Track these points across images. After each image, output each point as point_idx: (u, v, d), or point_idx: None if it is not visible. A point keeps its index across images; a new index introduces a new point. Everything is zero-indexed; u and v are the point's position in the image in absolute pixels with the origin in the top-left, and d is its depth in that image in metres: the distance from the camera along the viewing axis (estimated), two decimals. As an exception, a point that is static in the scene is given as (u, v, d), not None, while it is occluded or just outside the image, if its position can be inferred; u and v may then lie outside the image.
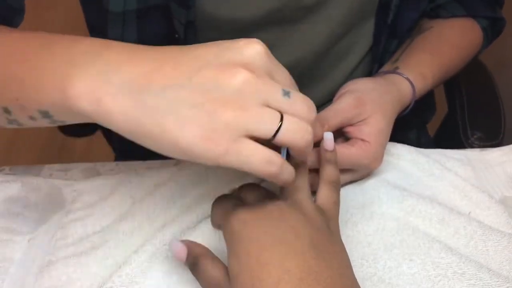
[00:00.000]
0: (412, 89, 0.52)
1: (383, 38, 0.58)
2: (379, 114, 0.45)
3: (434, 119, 0.71)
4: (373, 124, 0.45)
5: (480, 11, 0.61)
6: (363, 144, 0.44)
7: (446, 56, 0.58)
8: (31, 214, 0.46)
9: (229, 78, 0.30)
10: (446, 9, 0.61)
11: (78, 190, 0.48)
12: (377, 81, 0.50)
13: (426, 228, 0.43)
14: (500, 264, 0.41)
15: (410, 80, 0.52)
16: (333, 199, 0.38)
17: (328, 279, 0.31)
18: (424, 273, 0.39)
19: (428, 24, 0.61)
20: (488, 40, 0.63)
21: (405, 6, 0.55)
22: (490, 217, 0.44)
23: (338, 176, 0.40)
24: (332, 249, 0.33)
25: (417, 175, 0.48)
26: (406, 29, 0.59)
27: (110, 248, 0.42)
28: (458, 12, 0.60)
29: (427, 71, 0.54)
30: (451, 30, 0.60)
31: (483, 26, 0.61)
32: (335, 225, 0.36)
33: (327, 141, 0.41)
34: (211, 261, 0.35)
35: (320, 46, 0.56)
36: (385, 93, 0.48)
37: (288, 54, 0.57)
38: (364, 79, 0.50)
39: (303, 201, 0.35)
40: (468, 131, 0.62)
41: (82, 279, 0.40)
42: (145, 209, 0.45)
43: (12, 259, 0.42)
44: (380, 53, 0.60)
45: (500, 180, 0.49)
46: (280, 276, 0.30)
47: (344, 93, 0.47)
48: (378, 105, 0.46)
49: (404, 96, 0.51)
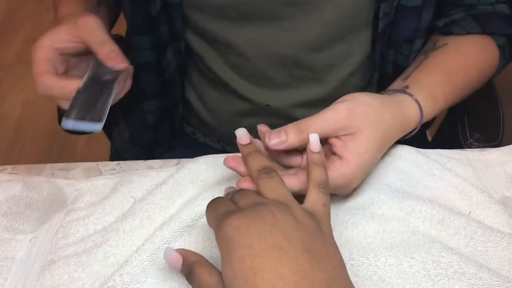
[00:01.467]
0: (419, 112, 0.48)
1: (377, 46, 0.57)
2: (369, 131, 0.42)
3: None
4: (359, 141, 0.42)
5: (496, 28, 0.56)
6: (341, 165, 0.42)
7: (460, 77, 0.54)
8: (33, 213, 0.46)
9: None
10: (460, 25, 0.56)
11: (79, 190, 0.48)
12: (378, 97, 0.46)
13: (426, 229, 0.43)
14: (500, 264, 0.41)
15: (419, 103, 0.48)
16: (322, 201, 0.37)
17: (322, 282, 0.31)
18: (424, 272, 0.39)
19: (443, 41, 0.56)
20: (505, 59, 0.59)
21: (400, 16, 0.54)
22: (490, 217, 0.44)
23: (326, 178, 0.39)
24: (326, 251, 0.33)
25: (417, 175, 0.48)
26: (403, 40, 0.57)
27: (111, 247, 0.42)
28: (472, 30, 0.55)
29: (438, 92, 0.51)
30: (467, 48, 0.56)
31: (500, 43, 0.57)
32: (326, 226, 0.36)
33: (313, 142, 0.40)
34: (205, 268, 0.35)
35: (312, 46, 0.56)
36: (384, 112, 0.45)
37: (277, 51, 0.57)
38: (366, 93, 0.46)
39: (293, 206, 0.35)
40: (467, 132, 0.62)
41: (84, 278, 0.40)
42: (146, 208, 0.45)
43: (14, 258, 0.42)
44: (377, 62, 0.59)
45: (500, 180, 0.49)
46: (274, 282, 0.30)
47: (337, 101, 0.45)
48: (371, 122, 0.43)
49: (409, 119, 0.48)
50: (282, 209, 0.34)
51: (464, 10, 0.57)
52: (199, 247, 0.42)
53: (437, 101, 0.51)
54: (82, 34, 0.48)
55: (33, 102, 1.81)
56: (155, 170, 0.50)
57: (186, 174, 0.48)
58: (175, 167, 0.50)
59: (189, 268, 0.35)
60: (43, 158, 1.60)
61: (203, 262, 0.36)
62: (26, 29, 2.20)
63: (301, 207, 0.36)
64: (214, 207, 0.37)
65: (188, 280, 0.36)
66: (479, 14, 0.56)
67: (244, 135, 0.41)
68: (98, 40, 0.48)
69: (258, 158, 0.40)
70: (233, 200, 0.38)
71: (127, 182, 0.48)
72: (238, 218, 0.33)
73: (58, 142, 1.66)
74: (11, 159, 1.60)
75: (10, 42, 2.11)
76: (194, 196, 0.46)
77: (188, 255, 0.36)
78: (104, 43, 0.48)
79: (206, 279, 0.34)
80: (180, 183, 0.47)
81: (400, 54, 0.59)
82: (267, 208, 0.34)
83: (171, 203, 0.46)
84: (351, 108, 0.43)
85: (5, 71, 1.96)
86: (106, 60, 0.47)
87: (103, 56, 0.47)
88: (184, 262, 0.36)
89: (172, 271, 0.40)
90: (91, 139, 1.67)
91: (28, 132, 1.70)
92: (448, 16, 0.58)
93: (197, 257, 0.36)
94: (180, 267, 0.36)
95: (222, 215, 0.34)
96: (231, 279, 0.32)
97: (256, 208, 0.34)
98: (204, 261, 0.36)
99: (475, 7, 0.57)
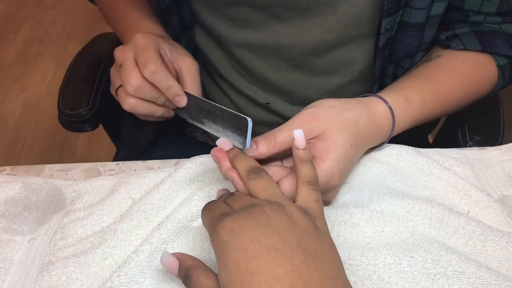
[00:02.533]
0: (389, 110, 0.48)
1: (378, 60, 0.57)
2: (334, 130, 0.43)
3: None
4: (326, 139, 0.42)
5: (497, 48, 0.55)
6: (316, 164, 0.42)
7: (446, 83, 0.53)
8: (31, 215, 0.46)
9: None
10: (460, 41, 0.55)
11: (78, 190, 0.48)
12: (341, 100, 0.47)
13: (425, 228, 0.43)
14: (499, 263, 0.41)
15: (386, 101, 0.48)
16: (313, 197, 0.37)
17: (318, 282, 0.31)
18: (423, 271, 0.39)
19: (438, 53, 0.56)
20: (504, 80, 0.57)
21: (402, 32, 0.53)
22: (489, 216, 0.44)
23: (315, 174, 0.39)
24: (321, 249, 0.33)
25: (415, 175, 0.48)
26: (404, 55, 0.56)
27: (109, 248, 0.42)
28: (471, 47, 0.54)
29: (414, 95, 0.51)
30: (460, 60, 0.55)
31: (500, 64, 0.56)
32: (321, 223, 0.36)
33: (298, 139, 0.40)
34: (202, 272, 0.35)
35: (312, 51, 0.56)
36: (348, 110, 0.45)
37: (278, 54, 0.57)
38: (329, 99, 0.47)
39: (286, 205, 0.35)
40: (467, 135, 0.62)
41: (82, 279, 0.40)
42: (143, 208, 0.45)
43: (12, 259, 0.42)
44: (377, 75, 0.59)
45: (499, 179, 0.49)
46: (270, 284, 0.30)
47: (303, 109, 0.46)
48: (333, 121, 0.43)
49: (378, 116, 0.47)
50: (276, 209, 0.34)
51: (469, 26, 0.56)
52: (196, 248, 0.42)
53: (412, 103, 0.50)
54: (183, 69, 0.53)
55: (33, 103, 1.81)
56: (154, 171, 0.50)
57: (184, 174, 0.48)
58: (174, 167, 0.50)
59: (186, 272, 0.35)
60: (43, 159, 1.60)
61: (199, 266, 0.36)
62: (26, 29, 2.20)
63: (294, 205, 0.36)
64: (209, 210, 0.37)
65: (185, 284, 0.36)
66: (484, 31, 0.55)
67: (225, 142, 0.42)
68: (193, 82, 0.53)
69: (245, 159, 0.40)
70: (226, 202, 0.37)
71: (126, 183, 0.48)
72: (232, 221, 0.33)
73: (58, 142, 1.66)
74: (11, 159, 1.60)
75: (10, 42, 2.11)
76: (190, 195, 0.46)
77: (184, 259, 0.36)
78: (198, 90, 0.53)
79: (203, 283, 0.34)
80: (178, 183, 0.47)
81: (400, 68, 0.59)
82: (261, 209, 0.34)
83: (169, 203, 0.46)
84: (314, 112, 0.44)
85: (5, 71, 1.96)
86: (181, 102, 0.51)
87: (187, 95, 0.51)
88: (180, 267, 0.36)
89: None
90: (91, 140, 1.67)
91: (28, 133, 1.70)
92: (452, 29, 0.57)
93: (194, 261, 0.36)
94: (177, 271, 0.36)
95: (216, 218, 0.34)
96: (227, 282, 0.32)
97: (249, 210, 0.34)
98: (201, 264, 0.36)
99: (481, 24, 0.56)
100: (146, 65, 0.48)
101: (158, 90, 0.50)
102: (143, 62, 0.49)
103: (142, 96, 0.50)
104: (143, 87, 0.49)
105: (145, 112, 0.52)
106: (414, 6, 0.51)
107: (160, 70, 0.48)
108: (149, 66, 0.48)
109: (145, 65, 0.48)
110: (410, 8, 0.51)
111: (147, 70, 0.48)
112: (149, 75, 0.48)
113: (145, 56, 0.49)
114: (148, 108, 0.51)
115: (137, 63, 0.49)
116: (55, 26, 2.22)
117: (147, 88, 0.49)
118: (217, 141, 0.42)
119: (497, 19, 0.55)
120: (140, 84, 0.49)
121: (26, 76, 1.94)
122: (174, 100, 0.50)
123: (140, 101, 0.50)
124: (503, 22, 0.55)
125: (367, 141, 0.47)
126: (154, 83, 0.49)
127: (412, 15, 0.52)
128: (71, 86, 0.73)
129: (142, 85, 0.49)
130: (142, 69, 0.49)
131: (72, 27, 2.21)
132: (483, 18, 0.55)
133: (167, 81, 0.49)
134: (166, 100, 0.51)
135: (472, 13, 0.55)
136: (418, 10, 0.51)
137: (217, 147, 0.42)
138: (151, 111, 0.52)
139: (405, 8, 0.51)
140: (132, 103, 0.50)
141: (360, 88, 0.62)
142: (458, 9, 0.56)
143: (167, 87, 0.49)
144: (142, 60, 0.49)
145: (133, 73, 0.49)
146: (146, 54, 0.49)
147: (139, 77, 0.49)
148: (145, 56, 0.49)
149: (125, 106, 0.51)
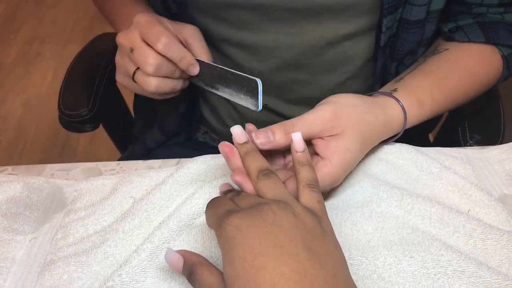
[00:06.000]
0: (403, 115, 0.48)
1: (379, 59, 0.57)
2: (351, 132, 0.43)
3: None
4: (341, 141, 0.42)
5: (501, 39, 0.55)
6: (324, 165, 0.42)
7: (454, 81, 0.53)
8: (32, 214, 0.46)
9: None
10: (464, 33, 0.55)
11: (79, 190, 0.48)
12: (363, 99, 0.46)
13: (425, 227, 0.43)
14: (499, 262, 0.41)
15: (403, 106, 0.48)
16: (316, 198, 0.37)
17: (322, 280, 0.31)
18: (424, 271, 0.39)
19: (444, 46, 0.56)
20: (509, 70, 0.58)
21: (403, 30, 0.53)
22: (489, 215, 0.44)
23: (315, 176, 0.39)
24: (326, 249, 0.33)
25: (416, 173, 0.48)
26: (406, 52, 0.56)
27: (111, 247, 0.42)
28: (475, 38, 0.55)
29: (426, 96, 0.51)
30: (466, 54, 0.55)
31: (504, 54, 0.56)
32: (326, 223, 0.36)
33: (296, 142, 0.40)
34: (206, 268, 0.35)
35: (310, 50, 0.56)
36: (367, 113, 0.45)
37: (276, 54, 0.57)
38: (350, 94, 0.47)
39: (293, 204, 0.35)
40: (467, 134, 0.61)
41: (83, 278, 0.40)
42: (145, 208, 0.45)
43: (14, 258, 0.42)
44: (378, 73, 0.59)
45: (500, 178, 0.49)
46: (275, 280, 0.30)
47: (322, 103, 0.45)
48: (354, 123, 0.43)
49: (393, 121, 0.48)
50: (282, 207, 0.34)
51: (472, 17, 0.56)
52: (198, 246, 0.42)
53: (424, 106, 0.50)
54: (187, 37, 0.53)
55: (34, 102, 1.82)
56: (155, 170, 0.50)
57: (185, 173, 0.48)
58: (175, 167, 0.50)
59: (190, 269, 0.35)
60: (44, 159, 1.60)
61: (204, 263, 0.36)
62: (26, 29, 2.20)
63: (300, 205, 0.36)
64: (214, 206, 0.37)
65: (190, 281, 0.36)
66: (487, 22, 0.55)
67: (240, 134, 0.41)
68: (200, 46, 0.54)
69: (257, 159, 0.40)
70: (233, 200, 0.38)
71: (127, 182, 0.48)
72: (239, 218, 0.33)
73: (59, 142, 1.67)
74: (12, 159, 1.61)
75: (10, 42, 2.12)
76: (192, 194, 0.46)
77: (189, 256, 0.37)
78: (207, 53, 0.54)
79: (207, 279, 0.34)
80: (180, 182, 0.47)
81: (402, 65, 0.59)
82: (268, 207, 0.34)
83: (170, 203, 0.46)
84: (337, 109, 0.43)
85: (5, 72, 1.97)
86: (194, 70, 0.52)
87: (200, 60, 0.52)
88: (185, 263, 0.36)
89: (171, 270, 0.40)
90: (92, 139, 1.67)
91: (29, 133, 1.70)
92: (454, 21, 0.57)
93: (198, 258, 0.36)
94: (182, 268, 0.36)
95: (223, 214, 0.34)
96: (232, 278, 0.32)
97: (256, 208, 0.34)
98: (205, 261, 0.36)
99: (484, 15, 0.56)
100: (158, 39, 0.48)
101: (173, 63, 0.50)
102: (153, 37, 0.48)
103: (162, 73, 0.50)
104: (162, 64, 0.49)
105: (168, 89, 0.52)
106: (414, 2, 0.51)
107: (172, 41, 0.49)
108: (161, 39, 0.48)
109: (157, 40, 0.48)
110: (410, 5, 0.51)
111: (159, 44, 0.48)
112: (163, 49, 0.48)
113: (153, 32, 0.48)
114: (170, 84, 0.52)
115: (146, 42, 0.49)
116: (55, 26, 2.22)
117: (165, 64, 0.50)
118: (231, 129, 0.41)
119: (499, 10, 0.56)
120: (160, 61, 0.49)
121: (27, 76, 1.95)
122: (188, 70, 0.51)
123: (163, 79, 0.51)
124: (505, 12, 0.56)
125: (375, 142, 0.47)
126: (167, 55, 0.49)
127: (412, 12, 0.52)
128: (71, 86, 0.73)
129: (161, 62, 0.49)
130: (154, 44, 0.48)
131: (73, 27, 2.22)
132: (486, 9, 0.56)
133: (180, 52, 0.49)
134: (181, 72, 0.51)
135: (475, 6, 0.56)
136: (418, 7, 0.51)
137: (225, 141, 0.42)
138: (173, 87, 0.52)
139: (405, 5, 0.51)
140: (156, 83, 0.50)
141: (360, 85, 0.62)
142: (460, 2, 0.56)
143: (181, 58, 0.50)
144: (151, 36, 0.48)
145: (148, 52, 0.49)
146: (153, 29, 0.49)
147: (155, 55, 0.49)
148: (153, 31, 0.48)
149: (150, 88, 0.51)
